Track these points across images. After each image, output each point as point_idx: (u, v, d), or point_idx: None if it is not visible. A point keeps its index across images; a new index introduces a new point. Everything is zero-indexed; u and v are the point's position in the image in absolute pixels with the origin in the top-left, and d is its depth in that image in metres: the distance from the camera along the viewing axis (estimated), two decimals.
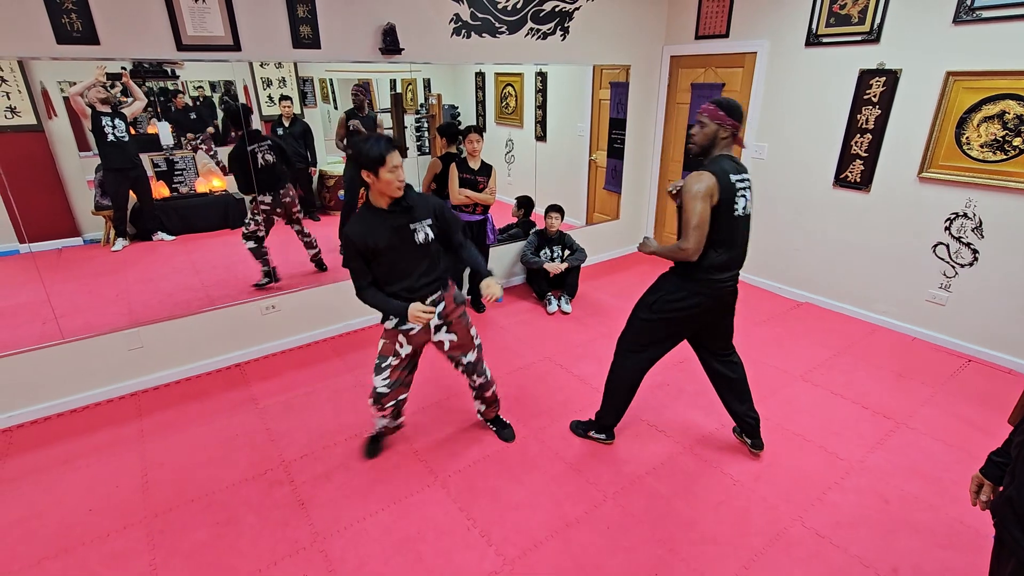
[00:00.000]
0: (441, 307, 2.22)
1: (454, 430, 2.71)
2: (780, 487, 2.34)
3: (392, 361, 2.23)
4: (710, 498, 2.28)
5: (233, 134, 3.34)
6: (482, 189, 3.67)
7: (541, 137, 4.67)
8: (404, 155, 4.24)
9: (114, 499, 2.29)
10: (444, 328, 2.26)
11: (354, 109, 3.77)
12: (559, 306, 4.10)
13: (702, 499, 2.28)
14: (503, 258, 4.45)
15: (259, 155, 3.33)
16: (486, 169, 3.68)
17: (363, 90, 3.74)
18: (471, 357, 2.36)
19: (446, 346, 2.30)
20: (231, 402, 2.96)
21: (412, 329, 2.19)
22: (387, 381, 2.24)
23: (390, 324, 2.20)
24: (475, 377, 2.41)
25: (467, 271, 4.03)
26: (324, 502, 2.27)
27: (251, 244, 3.46)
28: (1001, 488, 1.25)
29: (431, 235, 2.11)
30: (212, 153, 3.38)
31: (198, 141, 3.27)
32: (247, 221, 3.46)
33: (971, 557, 1.98)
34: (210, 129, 3.33)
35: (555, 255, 4.23)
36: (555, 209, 4.22)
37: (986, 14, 2.96)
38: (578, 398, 2.98)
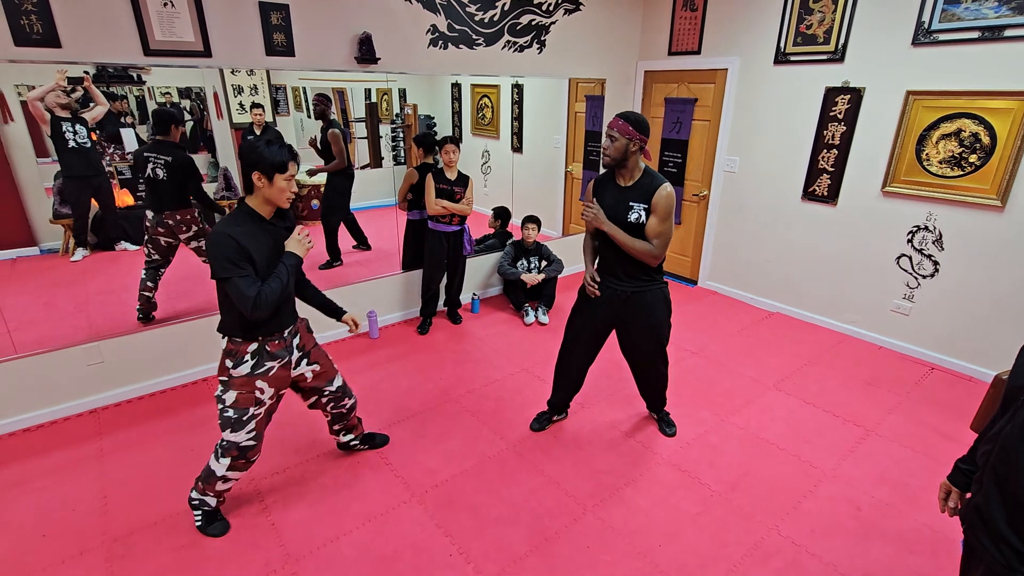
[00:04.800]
0: (297, 339, 2.07)
1: (430, 444, 2.67)
2: (756, 496, 2.36)
3: (255, 411, 1.97)
4: (688, 509, 2.29)
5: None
6: (459, 200, 3.65)
7: (517, 148, 4.69)
8: (379, 165, 4.20)
9: (71, 523, 2.17)
10: (304, 360, 2.11)
11: (333, 119, 3.74)
12: (536, 317, 4.09)
13: (680, 510, 2.28)
14: (480, 269, 4.43)
15: (149, 166, 2.99)
16: (463, 180, 3.67)
17: (325, 99, 3.69)
18: (339, 382, 2.26)
19: (309, 378, 2.14)
20: (198, 418, 2.85)
21: (270, 370, 1.95)
22: (253, 433, 1.99)
23: (243, 371, 1.91)
24: (347, 400, 2.31)
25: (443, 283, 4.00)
26: (296, 522, 2.19)
27: (142, 272, 3.10)
28: (968, 495, 1.28)
29: None
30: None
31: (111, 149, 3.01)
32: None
33: (940, 562, 2.03)
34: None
35: (532, 266, 4.24)
36: (532, 220, 4.23)
37: (942, 37, 3.10)
38: None
